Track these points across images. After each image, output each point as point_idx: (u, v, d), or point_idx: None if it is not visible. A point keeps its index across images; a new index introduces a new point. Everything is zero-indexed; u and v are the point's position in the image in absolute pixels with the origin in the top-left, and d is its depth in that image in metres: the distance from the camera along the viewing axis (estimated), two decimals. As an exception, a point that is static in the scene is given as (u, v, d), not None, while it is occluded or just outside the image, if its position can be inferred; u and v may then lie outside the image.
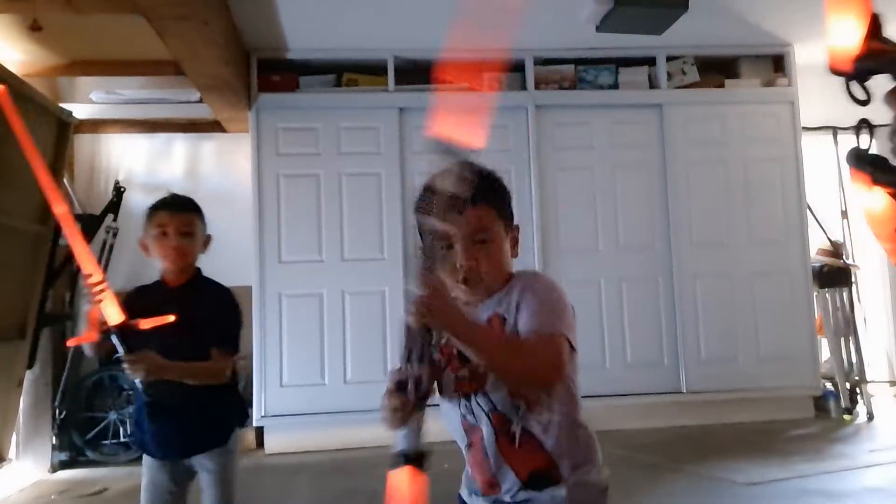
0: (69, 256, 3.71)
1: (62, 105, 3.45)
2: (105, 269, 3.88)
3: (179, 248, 1.71)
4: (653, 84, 3.96)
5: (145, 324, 1.55)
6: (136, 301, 1.68)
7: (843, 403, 3.88)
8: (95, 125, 4.11)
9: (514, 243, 1.18)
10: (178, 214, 1.72)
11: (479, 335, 1.02)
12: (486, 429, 1.09)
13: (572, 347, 1.06)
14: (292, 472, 3.27)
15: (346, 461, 3.38)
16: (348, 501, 2.69)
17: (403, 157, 3.80)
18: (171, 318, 1.55)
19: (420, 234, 1.19)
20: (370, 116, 3.80)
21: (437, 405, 1.16)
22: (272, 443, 3.64)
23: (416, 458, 1.02)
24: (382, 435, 1.05)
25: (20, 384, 3.18)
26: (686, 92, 3.97)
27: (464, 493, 1.18)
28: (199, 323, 1.69)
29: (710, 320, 3.86)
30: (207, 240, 1.81)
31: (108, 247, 3.83)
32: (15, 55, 3.50)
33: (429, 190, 1.14)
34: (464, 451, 1.16)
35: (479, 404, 1.10)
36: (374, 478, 3.07)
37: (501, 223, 1.15)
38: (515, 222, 1.20)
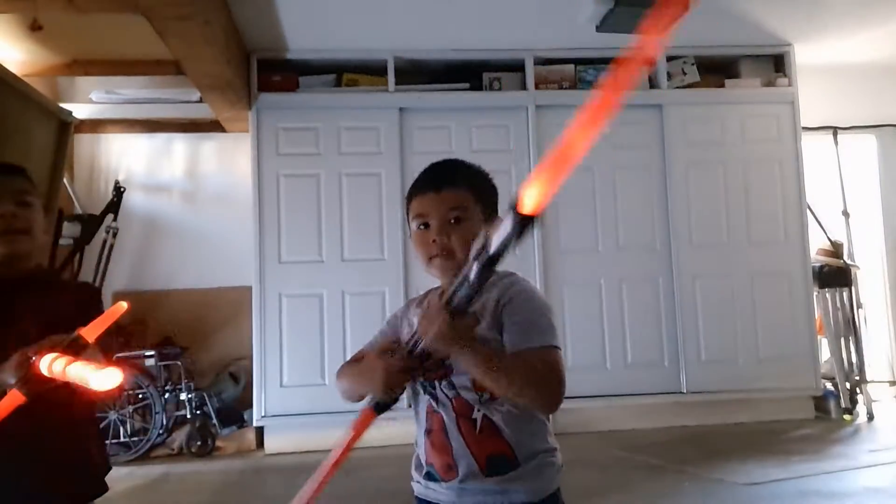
0: (69, 256, 3.72)
1: (62, 105, 3.45)
2: (105, 269, 3.89)
3: (17, 222, 1.36)
4: (653, 84, 3.96)
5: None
6: None
7: (843, 403, 3.88)
8: (95, 125, 4.11)
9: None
10: (10, 179, 1.40)
11: (501, 367, 1.02)
12: (447, 414, 1.14)
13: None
14: (292, 473, 3.27)
15: (346, 461, 3.37)
16: (349, 501, 2.69)
17: (403, 157, 3.80)
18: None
19: (408, 223, 1.26)
20: (370, 116, 3.80)
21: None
22: (272, 443, 3.64)
23: (381, 405, 1.17)
24: (382, 435, 1.06)
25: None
26: (686, 92, 3.97)
27: (417, 484, 1.21)
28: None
29: (711, 320, 3.86)
30: (48, 224, 1.49)
31: (108, 247, 3.84)
32: (15, 55, 3.50)
33: (418, 177, 1.25)
34: (421, 437, 1.20)
35: (443, 391, 1.15)
36: (375, 478, 3.07)
37: (479, 207, 1.18)
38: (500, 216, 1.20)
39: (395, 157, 3.79)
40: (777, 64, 4.08)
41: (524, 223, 0.82)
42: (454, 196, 1.16)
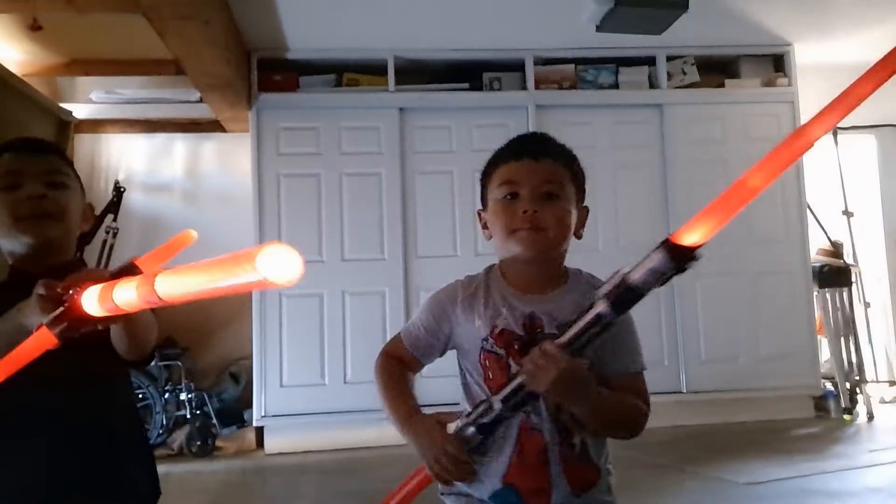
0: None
1: (62, 105, 3.46)
2: (105, 269, 3.88)
3: (48, 204, 1.15)
4: (653, 84, 3.96)
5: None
6: None
7: (843, 403, 3.88)
8: (95, 125, 4.11)
9: (582, 223, 1.11)
10: (41, 156, 1.20)
11: (614, 418, 1.01)
12: (550, 436, 1.03)
13: None
14: (292, 473, 3.27)
15: (346, 461, 3.38)
16: (349, 502, 2.69)
17: (404, 157, 3.80)
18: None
19: (483, 198, 1.14)
20: (371, 116, 3.80)
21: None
22: (272, 443, 3.64)
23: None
24: (382, 435, 1.07)
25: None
26: (686, 92, 3.97)
27: (472, 500, 1.07)
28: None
29: (711, 320, 3.86)
30: (89, 210, 1.29)
31: (108, 247, 3.83)
32: (15, 55, 3.50)
33: (510, 141, 1.13)
34: (503, 455, 1.04)
35: (542, 409, 1.03)
36: (375, 478, 3.07)
37: (574, 189, 1.09)
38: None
39: (396, 157, 3.79)
40: (777, 64, 4.08)
41: (681, 256, 0.75)
42: (552, 169, 1.07)
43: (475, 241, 3.77)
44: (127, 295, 0.68)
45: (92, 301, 0.75)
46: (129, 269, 0.87)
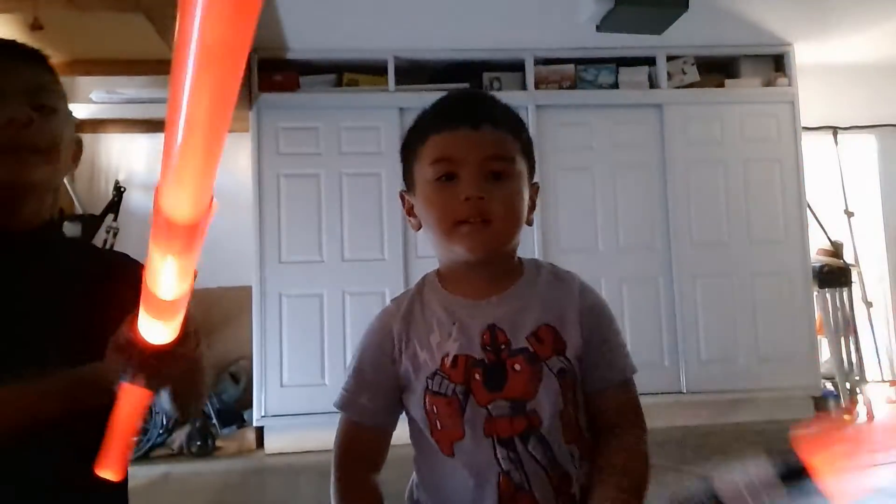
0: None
1: (62, 105, 3.46)
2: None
3: (35, 135, 0.87)
4: (653, 84, 3.96)
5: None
6: None
7: (843, 403, 3.88)
8: (95, 125, 4.11)
9: (532, 206, 0.89)
10: (22, 66, 0.91)
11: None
12: (541, 492, 0.80)
13: None
14: (293, 473, 3.27)
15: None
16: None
17: (404, 156, 3.80)
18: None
19: (406, 178, 0.91)
20: (371, 116, 3.80)
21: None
22: (272, 443, 3.64)
23: None
24: None
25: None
26: (686, 92, 3.97)
27: None
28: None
29: (710, 320, 3.86)
30: (78, 146, 0.99)
31: (108, 247, 3.83)
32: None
33: (430, 108, 0.89)
34: (463, 492, 0.82)
35: (531, 454, 0.80)
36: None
37: (525, 163, 0.87)
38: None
39: (395, 157, 3.74)
40: (777, 64, 4.08)
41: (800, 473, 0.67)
42: (498, 139, 0.84)
43: (475, 241, 3.76)
44: (149, 324, 0.64)
45: (150, 327, 0.67)
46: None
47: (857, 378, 3.98)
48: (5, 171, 0.86)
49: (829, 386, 4.00)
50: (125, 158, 4.27)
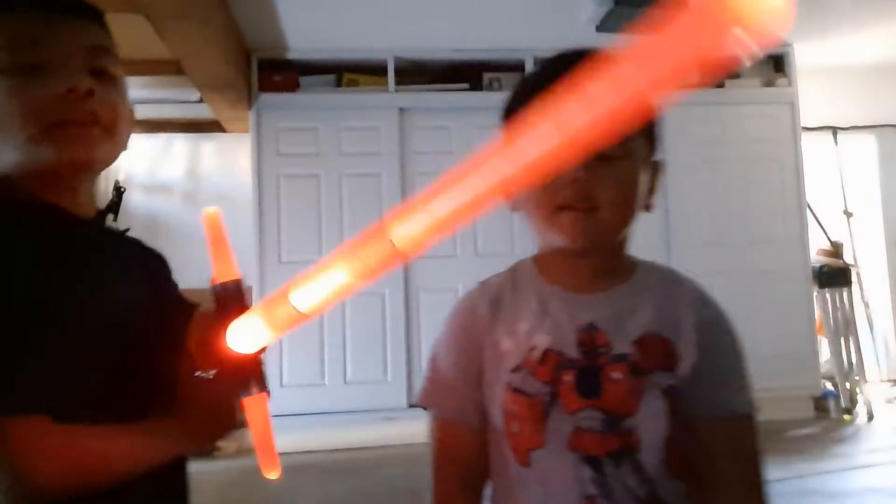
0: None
1: (62, 105, 3.46)
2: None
3: (97, 106, 0.75)
4: (653, 84, 3.96)
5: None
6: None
7: (843, 403, 3.88)
8: (95, 125, 4.11)
9: (654, 188, 0.79)
10: (78, 22, 0.78)
11: None
12: None
13: None
14: (292, 473, 3.27)
15: (346, 461, 3.38)
16: (349, 501, 2.69)
17: (404, 157, 3.80)
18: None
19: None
20: (370, 116, 3.80)
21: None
22: (272, 443, 3.64)
23: None
24: (382, 435, 1.02)
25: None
26: (686, 92, 3.96)
27: None
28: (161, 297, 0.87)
29: (710, 320, 3.86)
30: (132, 118, 0.84)
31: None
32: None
33: (536, 71, 0.77)
34: None
35: (623, 482, 0.68)
36: (375, 478, 3.06)
37: (645, 145, 0.75)
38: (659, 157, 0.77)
39: (395, 157, 3.79)
40: (777, 64, 4.08)
41: None
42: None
43: (475, 241, 3.77)
44: (273, 323, 0.61)
45: (246, 340, 0.64)
46: (229, 292, 0.73)
47: (857, 378, 3.98)
48: (66, 148, 0.74)
49: (829, 386, 4.00)
50: (125, 158, 4.27)
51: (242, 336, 0.64)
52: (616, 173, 0.71)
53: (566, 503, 0.68)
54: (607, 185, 0.70)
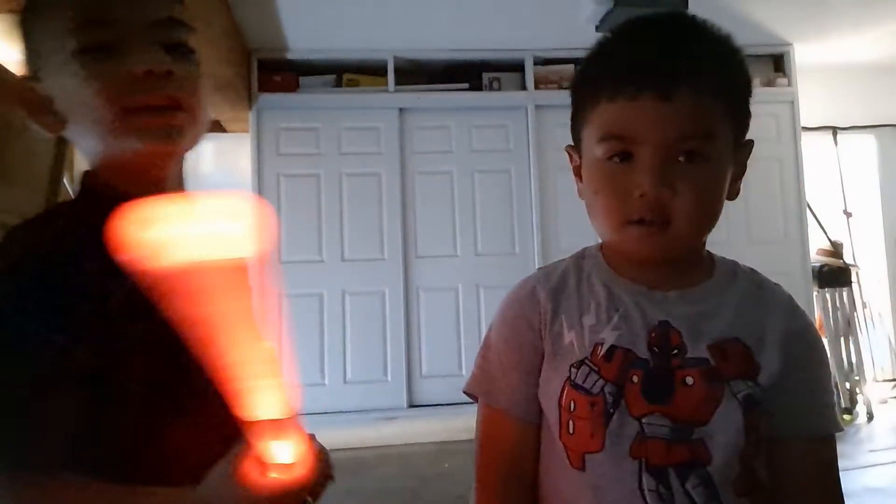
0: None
1: (62, 105, 3.47)
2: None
3: (177, 87, 0.69)
4: (653, 84, 3.96)
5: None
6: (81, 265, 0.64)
7: (843, 403, 3.88)
8: (96, 125, 4.11)
9: (741, 172, 0.74)
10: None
11: None
12: None
13: None
14: (292, 472, 3.27)
15: (346, 461, 3.37)
16: (349, 501, 2.69)
17: (403, 157, 3.81)
18: None
19: (573, 131, 0.72)
20: (370, 116, 3.80)
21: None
22: (272, 443, 3.64)
23: None
24: (382, 434, 1.02)
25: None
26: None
27: None
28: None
29: (710, 320, 3.86)
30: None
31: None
32: (15, 55, 3.50)
33: (610, 46, 0.71)
34: None
35: (689, 496, 0.62)
36: (375, 478, 3.06)
37: (732, 132, 0.68)
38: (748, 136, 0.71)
39: (395, 157, 3.79)
40: (777, 64, 4.08)
41: None
42: (695, 112, 0.62)
43: (475, 241, 3.77)
44: (278, 450, 0.60)
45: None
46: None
47: (857, 378, 3.98)
48: (147, 137, 0.67)
49: (828, 386, 4.00)
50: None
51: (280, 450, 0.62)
52: (698, 177, 0.64)
53: None
54: (685, 196, 0.63)
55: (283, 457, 0.59)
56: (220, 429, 0.63)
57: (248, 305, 0.61)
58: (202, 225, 0.53)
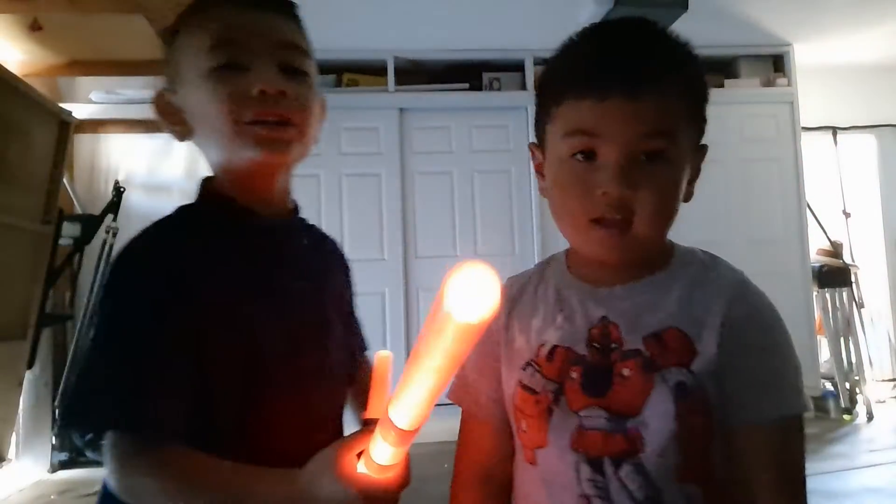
0: (69, 256, 3.72)
1: (62, 105, 3.45)
2: (105, 269, 3.89)
3: (288, 106, 0.78)
4: (652, 84, 3.96)
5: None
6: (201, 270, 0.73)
7: (843, 403, 3.88)
8: (95, 125, 4.11)
9: (696, 175, 0.75)
10: (271, 18, 0.80)
11: None
12: None
13: None
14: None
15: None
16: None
17: (403, 157, 3.80)
18: None
19: (538, 130, 0.76)
20: (370, 117, 3.80)
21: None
22: (272, 443, 3.64)
23: None
24: None
25: (20, 384, 3.19)
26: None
27: None
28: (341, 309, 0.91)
29: (710, 320, 3.86)
30: (322, 109, 0.92)
31: (108, 247, 3.83)
32: (15, 55, 3.50)
33: (577, 47, 0.71)
34: None
35: (623, 485, 0.64)
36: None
37: (692, 132, 0.69)
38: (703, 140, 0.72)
39: (395, 157, 3.79)
40: (776, 64, 4.08)
41: None
42: (659, 111, 0.64)
43: (475, 241, 3.77)
44: (384, 452, 0.59)
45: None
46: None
47: (857, 378, 3.98)
48: (259, 149, 0.76)
49: (828, 386, 4.00)
50: (125, 159, 4.27)
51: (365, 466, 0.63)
52: (659, 178, 0.66)
53: (562, 503, 0.66)
54: (646, 195, 0.65)
55: (384, 458, 0.60)
56: (324, 420, 0.70)
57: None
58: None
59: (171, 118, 0.87)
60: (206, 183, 0.86)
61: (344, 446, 0.62)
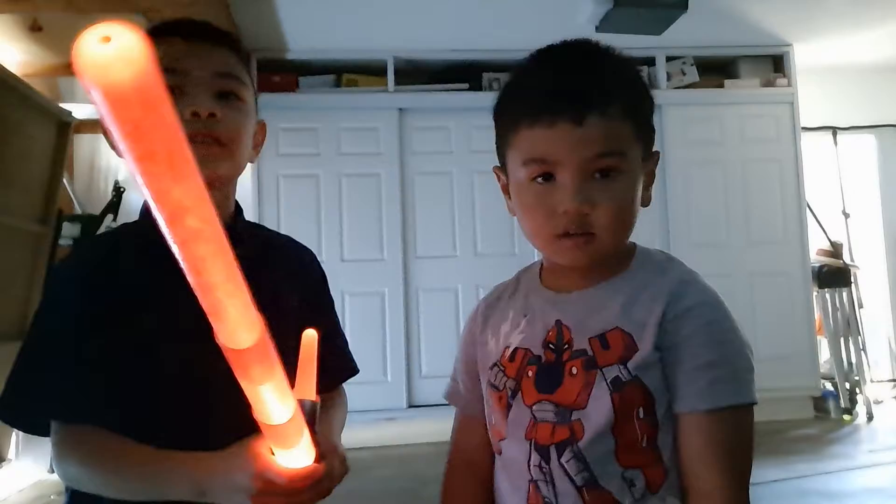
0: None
1: (62, 105, 3.45)
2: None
3: (218, 127, 0.84)
4: (652, 84, 3.95)
5: None
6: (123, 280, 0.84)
7: (843, 404, 3.88)
8: (95, 125, 4.10)
9: (650, 181, 0.78)
10: (210, 49, 0.87)
11: None
12: None
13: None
14: (292, 473, 3.27)
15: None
16: (349, 501, 2.69)
17: (403, 157, 3.80)
18: None
19: (499, 154, 0.84)
20: (370, 117, 3.80)
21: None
22: (272, 443, 3.64)
23: None
24: (382, 435, 1.02)
25: (20, 384, 3.19)
26: (685, 92, 3.97)
27: None
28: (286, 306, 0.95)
29: (710, 320, 3.86)
30: (262, 131, 0.97)
31: (107, 247, 3.84)
32: (15, 55, 3.50)
33: (526, 75, 0.81)
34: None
35: (564, 469, 0.71)
36: (374, 478, 3.06)
37: (640, 147, 0.74)
38: (654, 147, 0.79)
39: (395, 157, 3.79)
40: (776, 64, 4.08)
41: None
42: (606, 133, 0.70)
43: (474, 241, 3.77)
44: (281, 455, 0.63)
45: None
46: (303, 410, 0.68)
47: (857, 378, 3.98)
48: (216, 167, 0.85)
49: (828, 386, 4.00)
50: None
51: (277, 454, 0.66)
52: (614, 191, 0.72)
53: (519, 487, 0.75)
54: (603, 209, 0.71)
55: (291, 463, 0.64)
56: (237, 423, 0.69)
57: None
58: None
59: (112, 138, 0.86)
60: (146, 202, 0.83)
61: (255, 441, 0.67)
